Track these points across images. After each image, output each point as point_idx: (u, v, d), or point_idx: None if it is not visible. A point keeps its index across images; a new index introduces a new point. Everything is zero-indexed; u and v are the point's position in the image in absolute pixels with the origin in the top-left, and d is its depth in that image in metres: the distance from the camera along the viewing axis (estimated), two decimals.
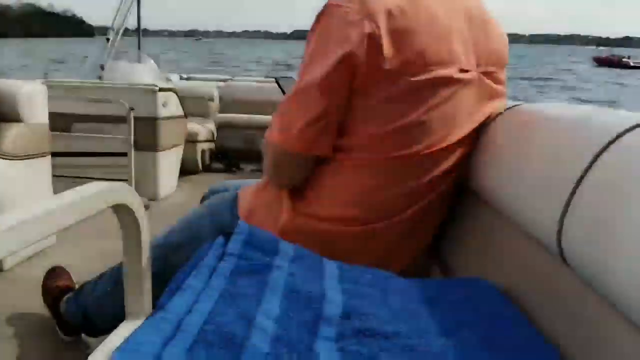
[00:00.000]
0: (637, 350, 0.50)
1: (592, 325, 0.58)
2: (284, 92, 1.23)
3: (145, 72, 3.70)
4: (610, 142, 0.64)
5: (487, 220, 0.95)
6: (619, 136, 0.63)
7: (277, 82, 1.34)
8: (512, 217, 0.85)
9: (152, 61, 3.94)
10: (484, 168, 0.96)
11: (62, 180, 2.80)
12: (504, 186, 0.88)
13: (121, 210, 0.77)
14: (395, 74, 0.90)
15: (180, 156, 3.52)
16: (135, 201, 0.78)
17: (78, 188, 0.69)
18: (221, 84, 5.43)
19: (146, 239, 0.81)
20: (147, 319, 0.58)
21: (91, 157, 3.08)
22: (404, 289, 0.72)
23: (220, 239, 0.71)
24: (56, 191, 2.44)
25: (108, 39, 4.08)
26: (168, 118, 3.20)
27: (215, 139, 4.37)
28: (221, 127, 4.60)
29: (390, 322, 0.60)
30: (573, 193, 0.65)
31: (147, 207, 0.87)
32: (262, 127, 1.25)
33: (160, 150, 3.16)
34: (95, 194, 0.69)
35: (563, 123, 0.80)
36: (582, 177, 0.65)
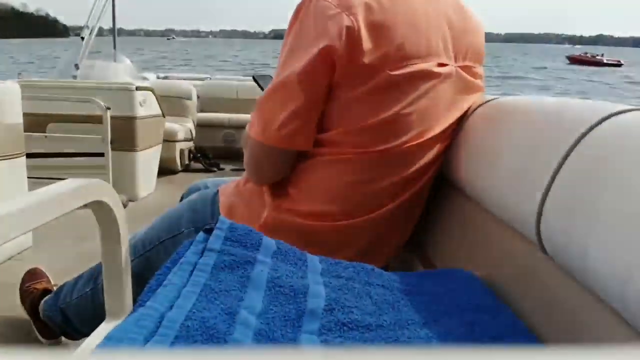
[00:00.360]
0: (615, 335, 0.51)
1: (570, 312, 0.59)
2: (262, 89, 1.22)
3: (121, 71, 3.65)
4: (585, 133, 0.65)
5: (467, 212, 0.96)
6: (592, 127, 0.64)
7: (254, 79, 1.33)
8: (492, 209, 0.85)
9: (128, 60, 3.90)
10: (463, 161, 0.97)
11: (37, 182, 2.75)
12: (483, 178, 0.89)
13: (98, 208, 0.76)
14: (374, 67, 0.90)
15: (159, 156, 3.48)
16: (112, 198, 0.77)
17: (54, 185, 0.68)
18: (199, 82, 5.39)
19: (125, 237, 0.80)
20: (128, 316, 0.57)
21: (67, 158, 3.02)
22: (386, 281, 0.72)
23: (201, 235, 0.71)
24: None
25: (82, 38, 4.01)
26: (146, 117, 3.17)
27: (194, 138, 4.33)
28: (200, 126, 4.57)
29: (373, 314, 0.60)
30: (550, 184, 0.66)
31: (125, 205, 0.85)
32: (242, 126, 1.24)
33: (138, 150, 3.12)
34: (71, 191, 0.68)
35: (539, 115, 0.81)
36: (558, 168, 0.66)
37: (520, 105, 0.91)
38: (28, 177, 2.34)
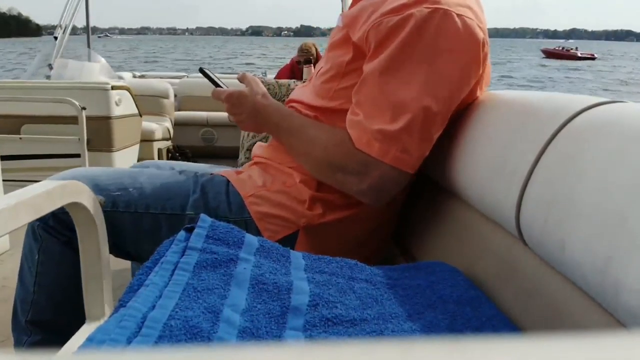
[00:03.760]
0: (594, 323, 0.52)
1: (550, 303, 0.60)
2: (215, 84, 1.12)
3: (96, 71, 3.59)
4: (562, 126, 0.66)
5: (448, 206, 0.97)
6: (569, 119, 0.65)
7: (202, 72, 1.21)
8: (472, 202, 0.86)
9: (103, 59, 3.83)
10: (444, 155, 0.98)
11: (12, 185, 2.70)
12: (463, 172, 0.90)
13: (76, 209, 0.75)
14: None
15: (137, 156, 3.44)
16: (89, 199, 0.76)
17: (30, 187, 0.67)
18: (176, 80, 5.33)
19: (103, 237, 0.79)
20: (109, 317, 0.56)
21: (43, 160, 2.97)
22: (369, 275, 0.72)
23: (182, 234, 0.70)
24: None
25: (56, 38, 3.93)
26: (122, 117, 3.12)
27: (172, 137, 4.29)
28: (178, 124, 4.52)
29: (357, 309, 0.60)
30: (528, 176, 0.67)
31: (102, 205, 0.83)
32: (220, 124, 1.21)
33: (115, 150, 3.08)
34: (48, 193, 0.66)
35: (517, 108, 0.82)
36: (536, 161, 0.67)
37: (500, 99, 0.92)
38: (3, 180, 2.29)
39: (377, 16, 0.93)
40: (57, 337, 1.02)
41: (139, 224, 0.99)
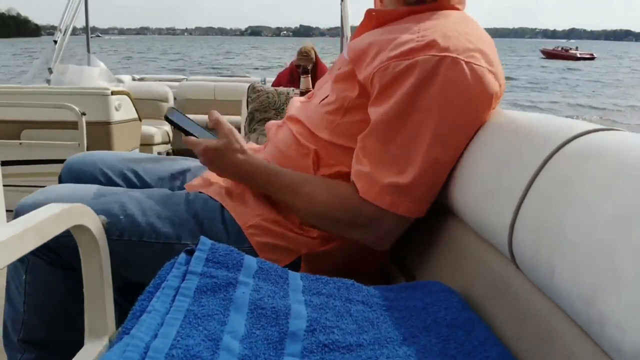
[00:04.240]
0: (582, 352, 0.54)
1: (540, 327, 0.62)
2: (186, 132, 1.07)
3: (95, 75, 3.60)
4: (554, 152, 0.67)
5: (445, 225, 0.98)
6: (561, 145, 0.67)
7: (167, 119, 1.11)
8: (468, 222, 0.88)
9: (102, 64, 3.85)
10: None
11: (13, 190, 2.71)
12: (459, 191, 0.91)
13: (80, 231, 0.76)
14: None
15: None
16: (94, 221, 0.77)
17: (35, 212, 0.68)
18: (175, 83, 5.35)
19: (106, 258, 0.80)
20: (112, 344, 0.58)
21: (43, 165, 2.99)
22: (365, 297, 0.74)
23: (182, 257, 0.72)
24: (7, 202, 2.35)
25: (55, 41, 3.94)
26: (122, 122, 3.14)
27: (171, 140, 4.31)
28: None
29: (354, 334, 0.62)
30: (521, 201, 0.69)
31: (104, 226, 0.83)
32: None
33: None
34: (53, 218, 0.68)
35: (512, 129, 0.84)
36: (529, 185, 0.68)
37: (495, 119, 0.93)
38: (3, 186, 2.30)
39: (384, 59, 0.92)
40: (52, 355, 1.03)
41: (133, 252, 0.97)
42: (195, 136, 1.06)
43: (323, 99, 1.06)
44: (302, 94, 1.33)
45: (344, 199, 0.94)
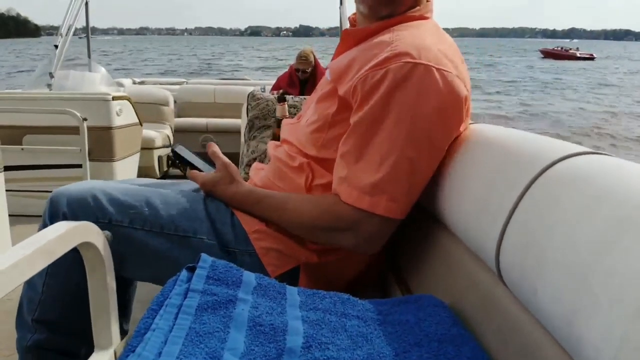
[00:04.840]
0: None
1: (525, 344, 0.64)
2: (190, 165, 1.20)
3: (97, 81, 3.63)
4: (540, 173, 0.70)
5: (439, 238, 1.01)
6: (547, 167, 0.69)
7: (173, 152, 1.25)
8: (460, 237, 0.91)
9: (103, 69, 3.88)
10: (434, 187, 1.03)
11: (15, 195, 2.74)
12: (452, 207, 0.95)
13: (86, 248, 0.79)
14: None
15: (137, 164, 3.49)
16: (98, 238, 0.80)
17: (43, 232, 0.71)
18: (176, 87, 5.38)
19: (110, 272, 0.84)
20: (117, 357, 0.61)
21: (45, 170, 3.02)
22: (360, 311, 0.77)
23: (184, 274, 0.75)
24: (10, 208, 2.38)
25: (56, 46, 3.97)
26: (123, 127, 3.17)
27: (171, 144, 4.33)
28: (178, 131, 4.57)
29: (348, 349, 0.65)
30: (508, 219, 0.72)
31: (109, 241, 0.87)
32: (220, 131, 1.25)
33: (116, 160, 3.13)
34: (60, 237, 0.71)
35: (499, 148, 0.87)
36: (515, 206, 0.71)
37: (485, 135, 0.96)
38: (6, 190, 2.33)
39: (364, 71, 0.98)
40: (61, 338, 1.07)
41: (151, 244, 1.04)
42: (198, 168, 1.18)
43: (307, 120, 1.13)
44: (278, 122, 1.39)
45: (327, 209, 0.99)
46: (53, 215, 1.04)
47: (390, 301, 0.83)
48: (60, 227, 0.73)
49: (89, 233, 0.78)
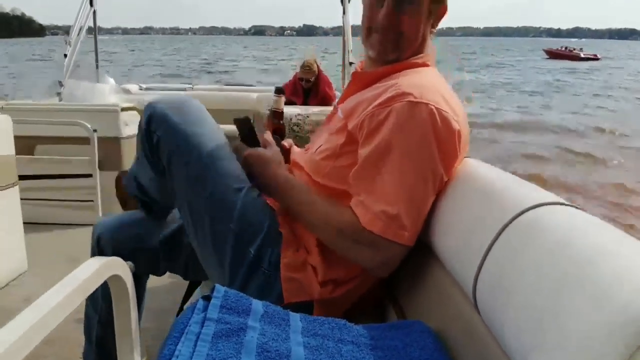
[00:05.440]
0: None
1: None
2: (251, 140, 1.31)
3: (106, 92, 3.74)
4: (513, 219, 0.80)
5: (429, 265, 1.11)
6: (515, 217, 0.79)
7: (241, 122, 1.37)
8: (447, 267, 1.01)
9: (112, 80, 3.98)
10: (428, 219, 1.11)
11: (28, 204, 2.85)
12: (440, 238, 1.05)
13: (114, 280, 0.89)
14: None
15: None
16: (125, 271, 0.90)
17: (79, 270, 0.80)
18: (181, 93, 5.47)
19: (134, 301, 0.93)
20: None
21: (56, 180, 3.12)
22: (355, 337, 0.87)
23: (200, 303, 0.85)
24: (25, 217, 2.48)
25: (65, 55, 4.07)
26: (131, 137, 3.27)
27: None
28: None
29: None
30: (484, 258, 0.82)
31: (132, 271, 0.96)
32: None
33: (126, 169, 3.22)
34: (96, 272, 0.80)
35: (485, 188, 0.97)
36: (491, 245, 0.81)
37: (475, 172, 1.07)
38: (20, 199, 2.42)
39: (370, 108, 1.11)
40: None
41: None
42: (253, 144, 1.30)
43: (319, 148, 1.24)
44: (273, 113, 1.51)
45: (350, 219, 1.09)
46: None
47: (383, 326, 0.94)
48: (94, 263, 0.82)
49: (118, 267, 0.88)
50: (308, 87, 4.60)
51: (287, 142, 1.44)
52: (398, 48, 1.21)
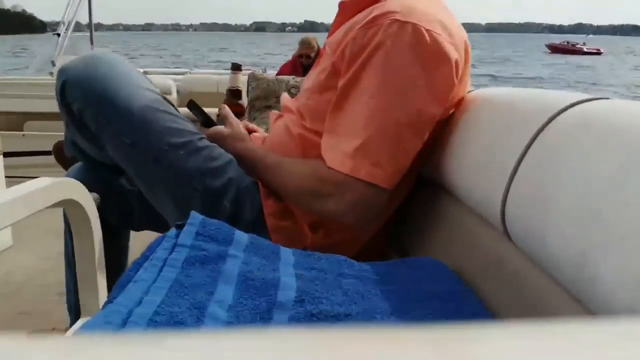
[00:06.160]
0: (571, 315, 0.53)
1: (532, 297, 0.61)
2: (207, 121, 1.19)
3: None
4: (546, 123, 0.66)
5: (439, 203, 0.98)
6: (553, 117, 0.66)
7: (190, 106, 1.22)
8: (461, 198, 0.87)
9: None
10: (436, 153, 0.99)
11: (16, 182, 2.73)
12: (453, 169, 0.91)
13: (70, 207, 0.76)
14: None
15: None
16: (84, 197, 0.77)
17: (25, 184, 0.68)
18: (179, 77, 5.35)
19: (97, 235, 0.80)
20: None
21: (45, 156, 3.00)
22: (357, 271, 0.73)
23: (172, 231, 0.71)
24: None
25: (58, 35, 3.95)
26: None
27: None
28: None
29: (343, 304, 0.61)
30: (514, 173, 0.68)
31: (97, 203, 0.83)
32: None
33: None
34: (42, 190, 0.68)
35: (502, 106, 0.83)
36: (521, 158, 0.67)
37: (486, 97, 0.92)
38: (5, 177, 2.31)
39: (353, 32, 0.95)
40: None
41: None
42: (210, 124, 1.20)
43: (305, 88, 1.10)
44: (230, 92, 1.39)
45: (313, 172, 0.95)
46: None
47: (388, 263, 0.80)
48: (44, 181, 0.70)
49: (74, 190, 0.75)
50: (308, 64, 4.44)
51: (243, 124, 1.23)
52: None
